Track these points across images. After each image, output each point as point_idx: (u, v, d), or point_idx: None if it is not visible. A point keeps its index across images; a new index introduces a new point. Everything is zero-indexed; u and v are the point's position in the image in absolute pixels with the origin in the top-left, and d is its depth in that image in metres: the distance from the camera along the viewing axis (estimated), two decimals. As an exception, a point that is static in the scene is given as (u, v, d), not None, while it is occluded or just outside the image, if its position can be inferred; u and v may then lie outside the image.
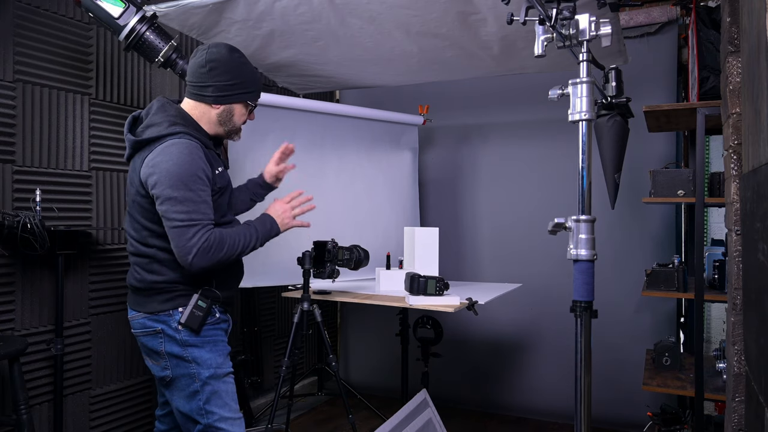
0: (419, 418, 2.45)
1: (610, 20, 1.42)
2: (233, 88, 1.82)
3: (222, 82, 1.80)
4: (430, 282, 2.48)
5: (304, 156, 3.28)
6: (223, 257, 1.72)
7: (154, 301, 1.78)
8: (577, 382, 1.39)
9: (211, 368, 1.79)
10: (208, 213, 1.71)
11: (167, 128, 1.73)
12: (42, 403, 2.37)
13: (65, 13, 2.47)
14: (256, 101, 1.91)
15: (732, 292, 1.83)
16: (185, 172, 1.66)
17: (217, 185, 1.79)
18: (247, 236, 1.80)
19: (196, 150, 1.71)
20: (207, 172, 1.72)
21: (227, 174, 1.89)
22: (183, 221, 1.65)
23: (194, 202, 1.66)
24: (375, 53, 2.87)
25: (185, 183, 1.65)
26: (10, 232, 2.12)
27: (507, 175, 3.77)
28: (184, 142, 1.70)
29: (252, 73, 1.88)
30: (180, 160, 1.66)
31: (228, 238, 1.73)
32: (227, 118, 1.86)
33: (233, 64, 1.81)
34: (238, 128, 1.91)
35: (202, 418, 1.77)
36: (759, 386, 1.24)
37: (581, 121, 1.39)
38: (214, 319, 1.83)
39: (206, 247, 1.66)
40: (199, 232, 1.66)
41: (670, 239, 3.34)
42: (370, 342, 4.18)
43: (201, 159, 1.71)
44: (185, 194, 1.65)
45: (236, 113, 1.86)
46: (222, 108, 1.83)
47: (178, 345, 1.77)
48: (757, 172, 1.27)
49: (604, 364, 3.22)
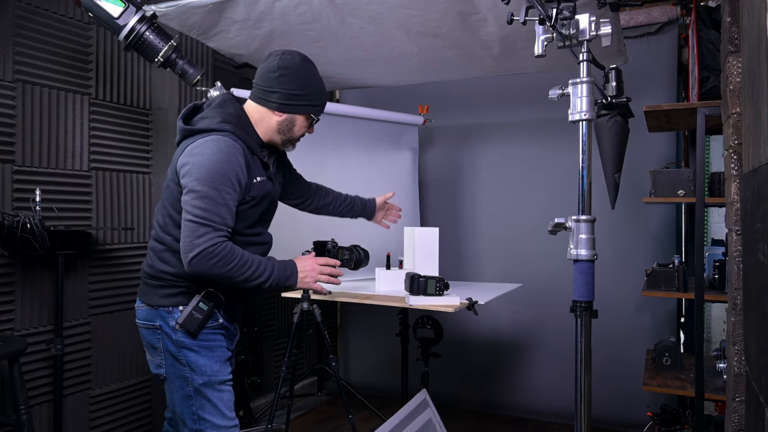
0: (419, 418, 2.44)
1: (610, 20, 1.42)
2: (300, 98, 1.77)
3: (289, 91, 1.76)
4: (430, 282, 2.48)
5: (304, 156, 3.28)
6: (225, 273, 1.61)
7: (157, 293, 1.76)
8: (577, 382, 1.39)
9: (204, 375, 1.74)
10: (226, 218, 1.62)
11: (217, 123, 1.69)
12: (42, 403, 2.37)
13: (65, 13, 2.47)
14: (319, 115, 1.86)
15: (732, 292, 1.83)
16: (216, 169, 1.61)
17: (250, 194, 1.72)
18: (260, 269, 1.68)
19: (235, 151, 1.65)
20: (240, 176, 1.66)
21: (269, 185, 1.81)
22: (197, 217, 1.59)
23: (215, 203, 1.60)
24: (375, 53, 2.87)
25: (213, 180, 1.60)
26: (10, 232, 2.12)
27: (507, 175, 3.77)
28: (226, 140, 1.66)
29: (321, 86, 1.83)
30: (215, 157, 1.62)
31: (239, 258, 1.62)
32: (287, 127, 1.81)
33: (304, 74, 1.78)
34: (296, 139, 1.86)
35: (194, 424, 1.75)
36: (759, 386, 1.24)
37: (581, 121, 1.39)
38: (216, 324, 1.78)
39: (211, 252, 1.58)
40: (208, 234, 1.58)
41: (670, 239, 3.34)
42: (370, 342, 4.18)
43: (237, 162, 1.64)
44: (209, 191, 1.59)
45: (297, 124, 1.81)
46: (285, 116, 1.79)
47: (174, 345, 1.74)
48: (758, 172, 1.27)
49: (604, 364, 3.22)
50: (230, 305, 1.83)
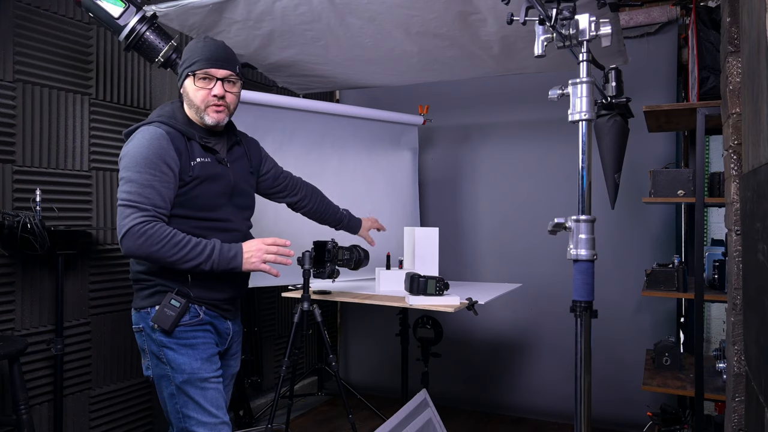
0: (419, 418, 2.45)
1: (610, 20, 1.42)
2: (182, 66, 1.83)
3: (180, 67, 1.84)
4: (430, 282, 2.48)
5: (304, 156, 3.28)
6: (155, 253, 1.63)
7: (139, 296, 1.81)
8: (577, 382, 1.39)
9: (185, 373, 1.74)
10: (152, 199, 1.66)
11: (147, 120, 1.78)
12: (42, 403, 2.37)
13: (65, 13, 2.47)
14: (203, 70, 1.78)
15: (732, 292, 1.83)
16: (139, 154, 1.68)
17: (190, 174, 1.74)
18: (197, 251, 1.68)
19: (160, 137, 1.71)
20: (168, 159, 1.70)
21: (218, 167, 1.82)
22: (123, 200, 1.66)
23: (139, 185, 1.66)
24: (375, 53, 2.87)
25: (136, 165, 1.67)
26: (10, 232, 2.12)
27: (507, 175, 3.77)
28: (150, 129, 1.73)
29: (200, 47, 1.80)
30: (138, 144, 1.70)
31: (170, 237, 1.64)
32: (188, 99, 1.82)
33: (188, 47, 1.84)
34: (198, 106, 1.79)
35: (179, 422, 1.76)
36: (759, 386, 1.24)
37: (581, 121, 1.39)
38: (196, 320, 1.78)
39: (137, 232, 1.61)
40: (133, 214, 1.63)
41: (670, 239, 3.34)
42: (370, 342, 4.18)
43: (162, 147, 1.70)
44: (132, 175, 1.67)
45: (188, 90, 1.81)
46: (182, 90, 1.84)
47: (155, 345, 1.76)
48: (757, 172, 1.27)
49: (604, 364, 3.22)
50: (214, 300, 1.82)
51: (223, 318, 1.88)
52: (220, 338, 1.89)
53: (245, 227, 1.95)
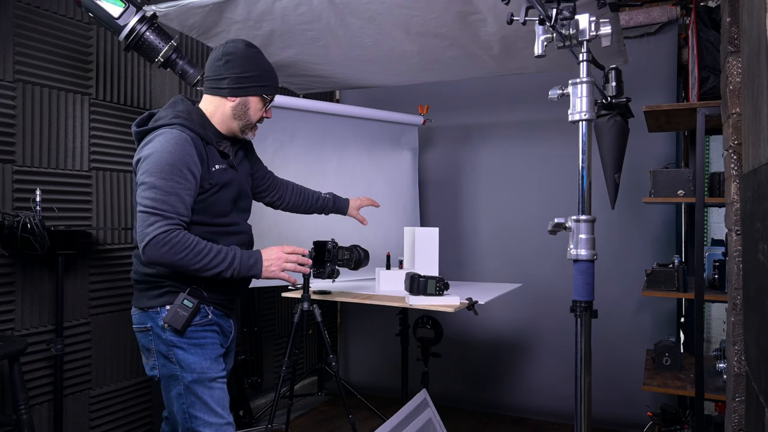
0: (419, 418, 2.45)
1: (610, 20, 1.42)
2: (248, 80, 1.80)
3: (238, 75, 1.79)
4: (430, 282, 2.48)
5: (305, 156, 3.28)
6: (179, 261, 1.62)
7: (145, 296, 1.79)
8: (577, 382, 1.39)
9: (194, 373, 1.74)
10: (177, 207, 1.64)
11: (167, 120, 1.73)
12: (42, 403, 2.37)
13: (65, 13, 2.47)
14: (272, 96, 1.87)
15: (732, 292, 1.83)
16: (164, 160, 1.64)
17: (209, 181, 1.74)
18: (219, 258, 1.68)
19: (185, 142, 1.68)
20: (192, 166, 1.68)
21: (231, 172, 1.84)
22: (146, 207, 1.62)
23: (164, 192, 1.62)
24: (375, 53, 2.87)
25: (161, 171, 1.63)
26: (10, 232, 2.12)
27: (507, 175, 3.77)
28: (174, 132, 1.69)
29: (268, 67, 1.86)
30: (163, 148, 1.65)
31: (193, 246, 1.63)
32: (242, 112, 1.82)
33: (250, 57, 1.81)
34: (253, 124, 1.87)
35: (186, 422, 1.76)
36: (759, 386, 1.24)
37: (581, 121, 1.39)
38: (205, 320, 1.79)
39: (162, 240, 1.59)
40: (158, 222, 1.60)
41: (670, 239, 3.34)
42: (370, 342, 4.18)
43: (187, 152, 1.67)
44: (157, 181, 1.62)
45: (251, 107, 1.83)
46: (237, 100, 1.81)
47: (164, 344, 1.75)
48: (757, 172, 1.27)
49: (604, 364, 3.22)
50: (222, 300, 1.84)
51: (227, 316, 1.90)
52: (224, 338, 1.91)
53: (249, 229, 1.97)
